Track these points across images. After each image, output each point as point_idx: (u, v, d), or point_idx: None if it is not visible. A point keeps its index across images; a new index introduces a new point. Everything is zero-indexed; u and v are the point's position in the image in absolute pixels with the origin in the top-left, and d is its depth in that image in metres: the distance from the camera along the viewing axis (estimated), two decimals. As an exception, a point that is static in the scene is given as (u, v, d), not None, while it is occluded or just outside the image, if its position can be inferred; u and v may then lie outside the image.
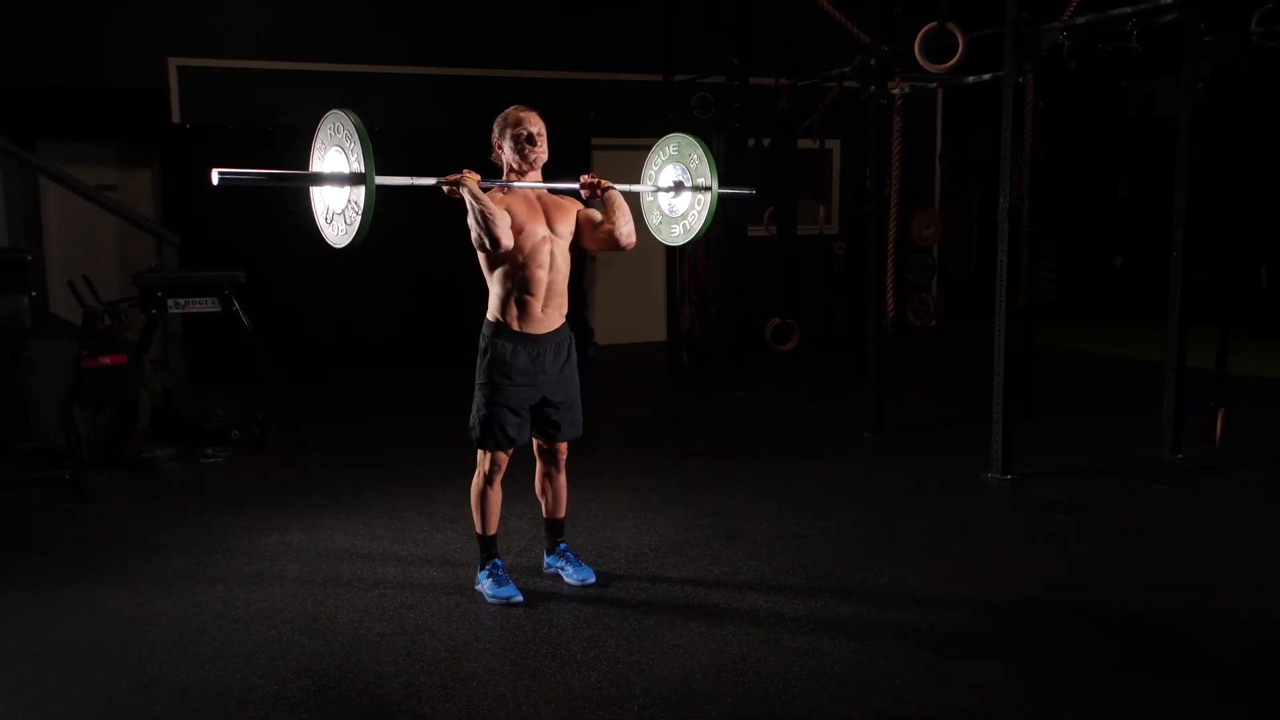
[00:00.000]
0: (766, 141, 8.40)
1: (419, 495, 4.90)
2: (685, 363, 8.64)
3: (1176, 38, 5.18)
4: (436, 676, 3.04)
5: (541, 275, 3.47)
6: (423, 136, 8.60)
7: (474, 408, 3.52)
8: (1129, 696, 2.91)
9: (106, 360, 5.41)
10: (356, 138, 2.96)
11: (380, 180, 3.01)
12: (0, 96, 7.48)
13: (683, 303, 8.89)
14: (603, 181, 3.56)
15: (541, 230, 3.46)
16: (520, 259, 3.43)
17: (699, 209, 3.69)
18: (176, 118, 8.14)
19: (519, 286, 3.45)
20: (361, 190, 2.97)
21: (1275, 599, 3.64)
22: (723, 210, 3.91)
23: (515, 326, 3.47)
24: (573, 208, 3.58)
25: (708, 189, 3.63)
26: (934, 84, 6.62)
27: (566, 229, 3.54)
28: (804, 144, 8.39)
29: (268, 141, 8.12)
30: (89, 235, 8.03)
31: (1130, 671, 3.06)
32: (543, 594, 3.66)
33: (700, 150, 3.65)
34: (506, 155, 3.48)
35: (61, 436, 5.40)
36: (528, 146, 3.44)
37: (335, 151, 3.06)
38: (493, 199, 3.35)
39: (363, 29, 8.78)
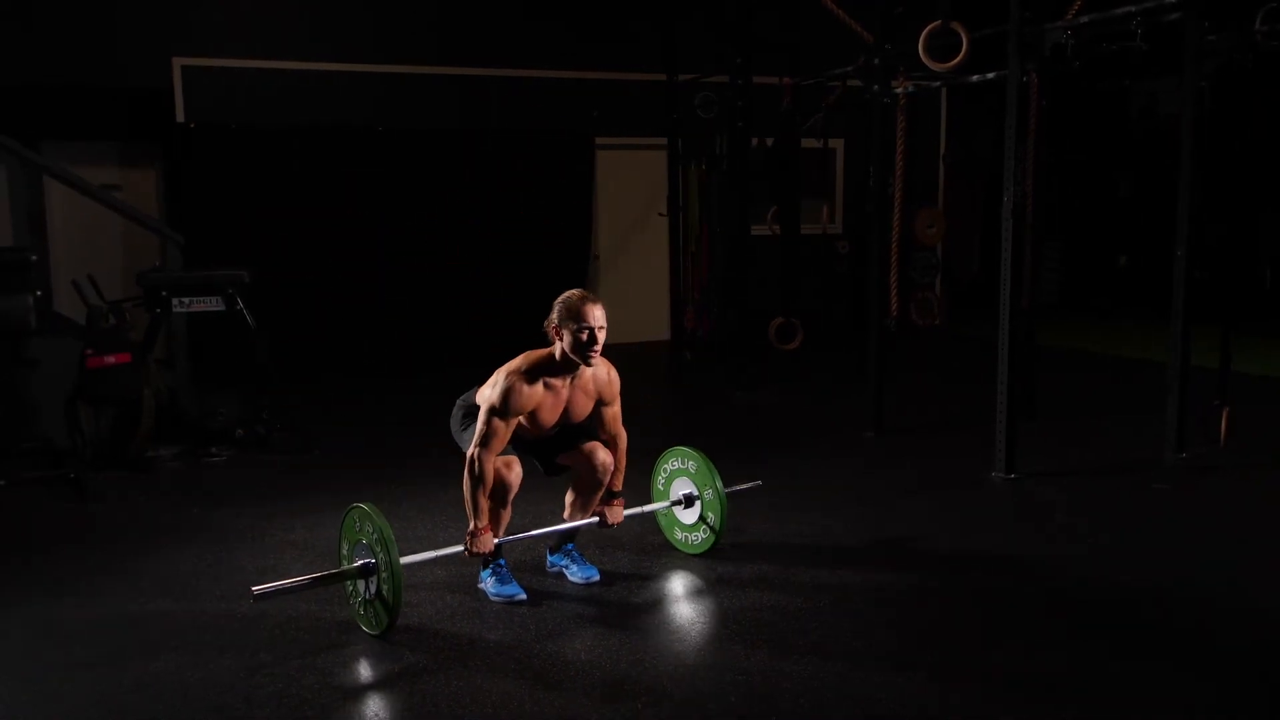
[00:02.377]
0: (770, 141, 8.40)
1: (421, 494, 4.91)
2: (688, 362, 8.64)
3: (1180, 37, 5.17)
4: (440, 675, 3.04)
5: (541, 433, 3.58)
6: (426, 136, 8.62)
7: (469, 427, 3.56)
8: (1133, 694, 2.90)
9: (111, 359, 5.42)
10: (380, 530, 3.26)
11: (407, 560, 3.33)
12: (5, 96, 7.50)
13: (686, 302, 8.89)
14: (617, 521, 3.77)
15: (557, 420, 3.54)
16: (529, 425, 3.51)
17: (703, 536, 4.03)
18: (181, 117, 8.16)
19: (519, 427, 3.51)
20: (389, 577, 3.22)
21: (1278, 597, 3.64)
22: (723, 210, 3.96)
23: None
24: (603, 391, 3.61)
25: (714, 531, 3.97)
26: (938, 83, 6.61)
27: (585, 413, 3.61)
28: (808, 143, 8.38)
29: (271, 141, 8.14)
30: (93, 235, 8.05)
31: (1134, 669, 3.05)
32: (546, 592, 3.67)
33: (715, 486, 3.94)
34: (564, 343, 3.39)
35: (66, 436, 5.41)
36: (589, 348, 3.38)
37: (362, 541, 3.35)
38: (537, 396, 3.43)
39: (366, 29, 8.79)
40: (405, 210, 8.50)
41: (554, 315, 3.40)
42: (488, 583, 3.63)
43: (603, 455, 3.68)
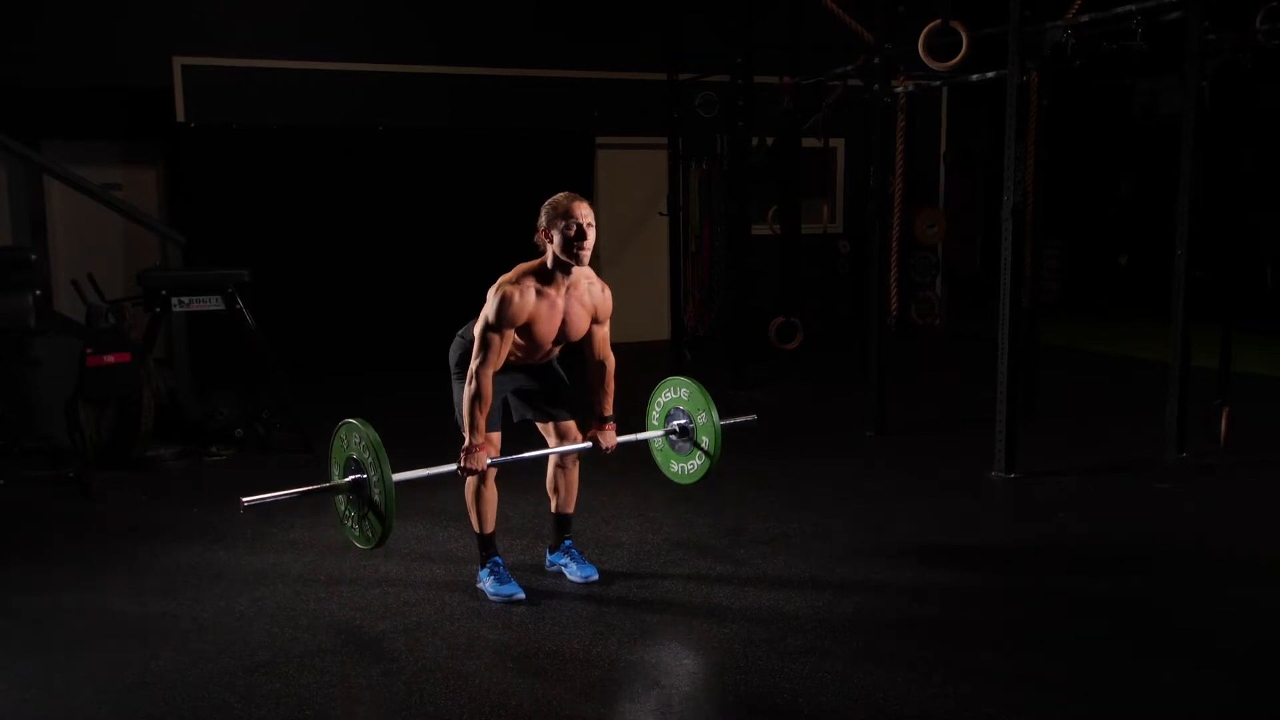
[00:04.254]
0: (771, 140, 8.40)
1: (421, 493, 4.89)
2: (689, 361, 8.63)
3: (1180, 35, 5.17)
4: (439, 674, 3.04)
5: (540, 352, 3.56)
6: (427, 136, 8.62)
7: (456, 400, 3.53)
8: (1133, 695, 2.90)
9: (111, 359, 5.42)
10: (371, 447, 3.23)
11: (398, 477, 3.25)
12: (6, 96, 7.50)
13: (686, 301, 8.89)
14: (611, 446, 3.68)
15: (554, 333, 3.50)
16: (526, 340, 3.47)
17: (699, 463, 3.92)
18: (181, 117, 8.15)
19: (518, 348, 3.49)
20: (379, 493, 3.22)
21: (1279, 597, 3.63)
22: (725, 209, 3.96)
23: (509, 359, 3.51)
24: (598, 305, 3.57)
25: (709, 455, 3.84)
26: (938, 82, 6.61)
27: (581, 328, 3.57)
28: (808, 143, 8.38)
29: (272, 141, 8.14)
30: (93, 234, 8.05)
31: (1134, 669, 3.05)
32: (545, 592, 3.67)
33: (709, 413, 3.81)
34: (554, 245, 3.37)
35: (66, 435, 5.41)
36: (576, 243, 3.34)
37: (354, 456, 3.34)
38: (529, 306, 3.40)
39: (368, 28, 8.79)
40: (405, 209, 8.50)
41: (542, 219, 3.39)
42: (486, 582, 3.63)
43: (575, 433, 3.71)
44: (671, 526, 4.40)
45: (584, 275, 3.52)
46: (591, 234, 3.36)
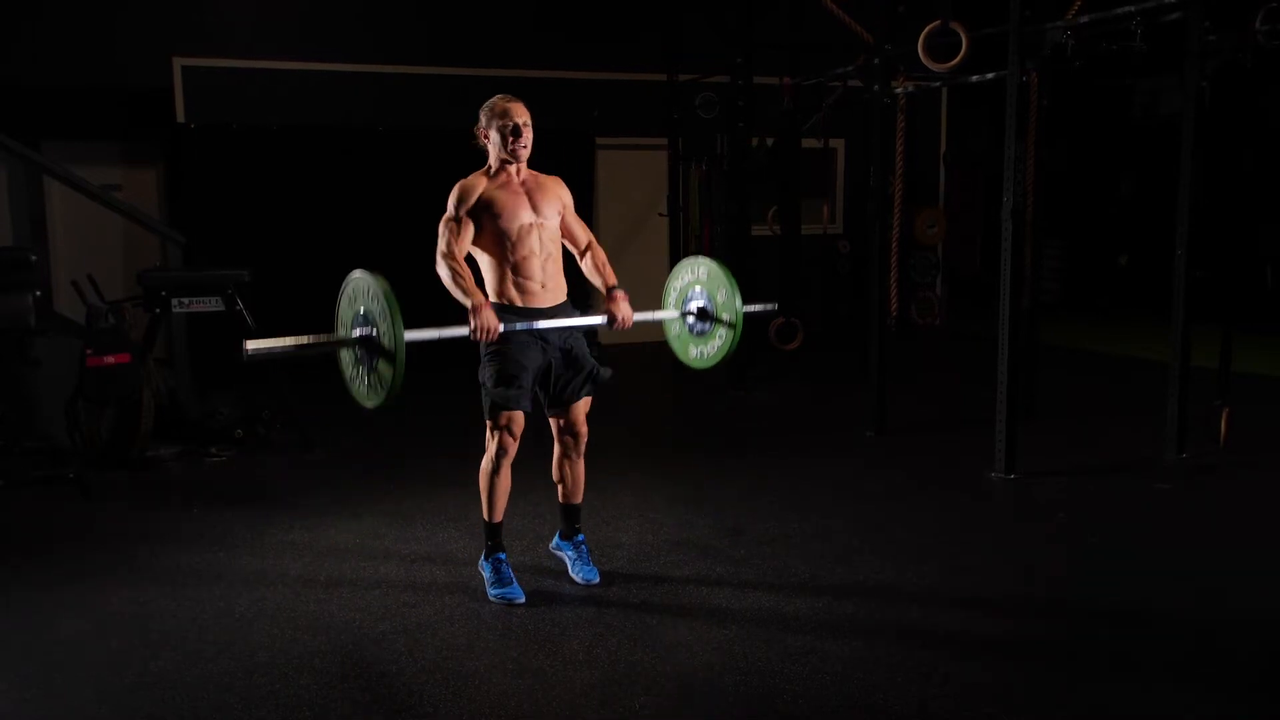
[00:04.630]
0: (770, 141, 8.39)
1: (421, 494, 4.91)
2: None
3: (1180, 36, 5.17)
4: (438, 675, 3.04)
5: (534, 261, 3.52)
6: (428, 136, 8.61)
7: (483, 380, 3.52)
8: (1132, 695, 2.90)
9: (111, 359, 5.42)
10: (385, 302, 3.13)
11: (409, 335, 3.14)
12: (6, 96, 7.50)
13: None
14: (626, 318, 3.68)
15: (527, 215, 3.51)
16: (509, 244, 3.49)
17: (719, 342, 3.80)
18: (181, 117, 8.15)
19: (514, 270, 3.52)
20: (391, 358, 3.14)
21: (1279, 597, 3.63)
22: (726, 209, 3.94)
23: (519, 303, 3.53)
24: (557, 191, 3.63)
25: (731, 325, 3.73)
26: (938, 83, 6.61)
27: (552, 211, 3.59)
28: (808, 143, 8.38)
29: (272, 141, 8.13)
30: (94, 234, 8.05)
31: (1134, 670, 3.05)
32: (545, 593, 3.67)
33: (728, 287, 3.73)
34: (491, 144, 3.54)
35: (66, 435, 5.41)
36: (512, 139, 3.49)
37: (361, 309, 3.27)
38: (480, 188, 3.49)
39: (367, 29, 8.79)
40: (405, 210, 8.48)
41: (481, 119, 3.55)
42: (487, 575, 3.62)
43: (584, 427, 3.70)
44: (672, 527, 4.40)
45: (532, 174, 3.60)
46: (528, 133, 3.51)
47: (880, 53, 6.04)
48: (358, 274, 3.28)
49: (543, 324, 3.52)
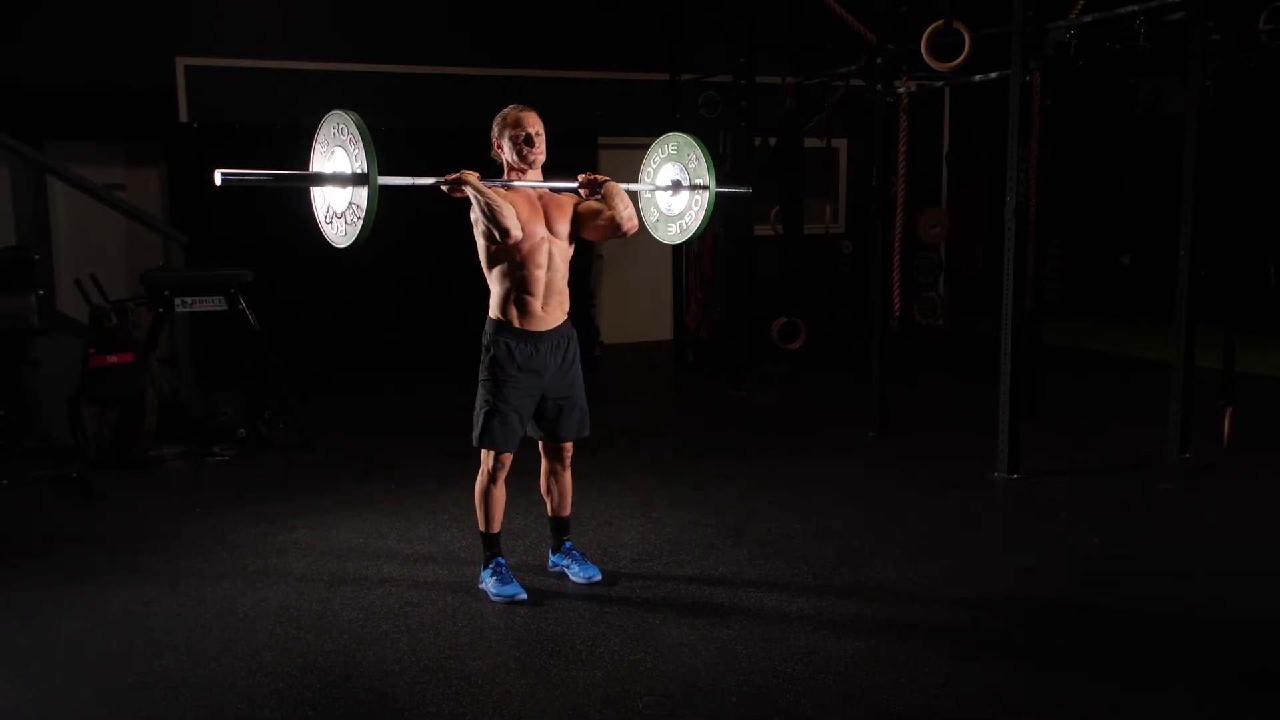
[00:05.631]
0: (773, 140, 8.39)
1: (423, 494, 4.91)
2: (691, 362, 8.63)
3: (1183, 36, 5.16)
4: (440, 674, 3.04)
5: (540, 274, 3.49)
6: (429, 136, 8.61)
7: (476, 404, 3.53)
8: (1134, 694, 2.90)
9: (113, 359, 5.43)
10: (359, 137, 2.97)
11: (382, 180, 3.01)
12: (8, 96, 7.50)
13: (688, 302, 8.89)
14: (599, 176, 3.58)
15: (540, 230, 3.48)
16: (519, 258, 3.45)
17: (696, 209, 3.71)
18: (184, 117, 8.16)
19: (518, 285, 3.48)
20: (364, 190, 2.98)
21: (1282, 599, 3.63)
22: (727, 209, 3.93)
23: (517, 324, 3.49)
24: (570, 204, 3.59)
25: (705, 188, 3.66)
26: (940, 82, 6.61)
27: (564, 228, 3.55)
28: (810, 143, 8.37)
29: (275, 141, 8.14)
30: (96, 234, 8.05)
31: (1136, 669, 3.05)
32: (547, 592, 3.67)
33: (699, 150, 3.69)
34: (505, 154, 3.52)
35: (69, 435, 5.41)
36: (526, 148, 3.47)
37: (338, 151, 3.08)
38: (498, 189, 3.41)
39: (370, 28, 8.79)
40: (407, 210, 8.49)
41: (494, 131, 3.54)
42: (488, 583, 3.63)
43: (564, 478, 3.76)
44: (673, 527, 4.40)
45: (549, 193, 3.57)
46: (541, 141, 3.49)
47: (883, 52, 6.03)
48: (335, 112, 3.11)
49: (519, 183, 3.49)
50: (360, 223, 3.04)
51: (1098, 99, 11.70)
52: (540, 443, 3.74)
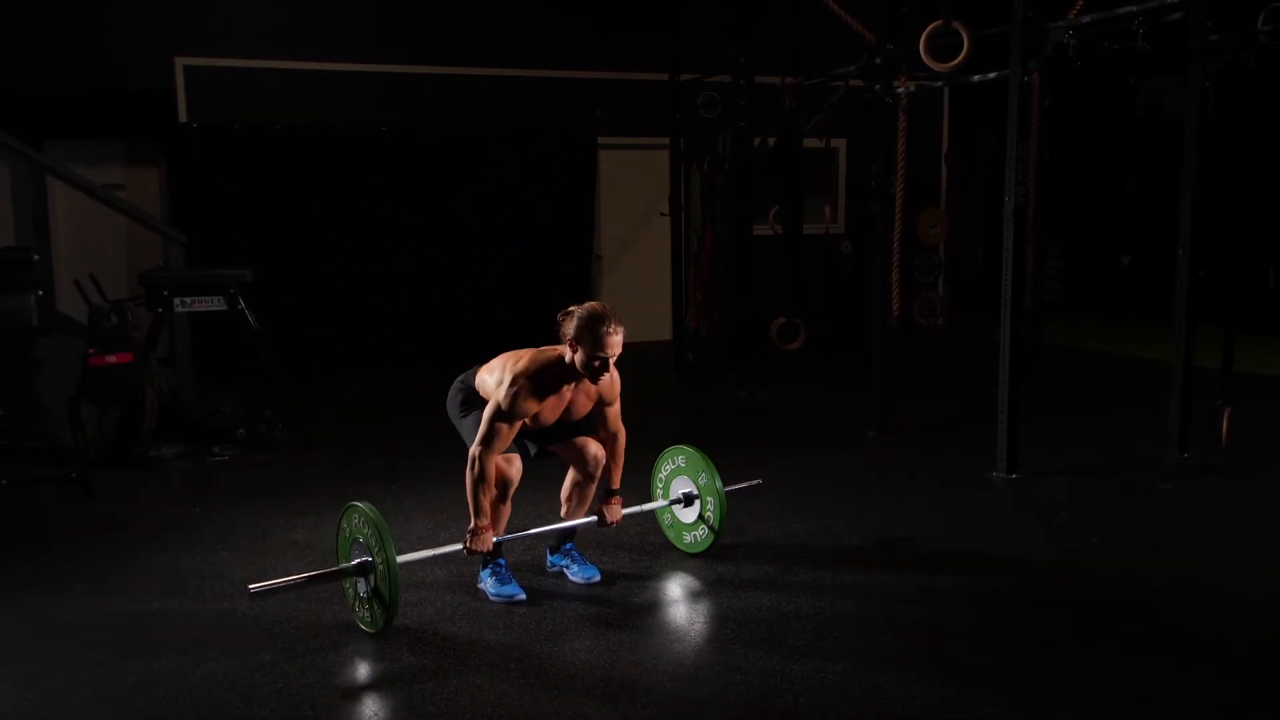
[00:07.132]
0: (772, 140, 8.39)
1: (423, 494, 4.91)
2: (691, 362, 8.63)
3: (1182, 36, 5.16)
4: (440, 675, 3.04)
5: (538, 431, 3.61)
6: (430, 136, 8.62)
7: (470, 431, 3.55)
8: (1135, 691, 2.90)
9: (113, 359, 5.43)
10: (376, 527, 3.25)
11: (403, 559, 3.29)
12: (8, 96, 7.51)
13: (688, 302, 8.89)
14: (616, 519, 3.77)
15: (554, 421, 3.56)
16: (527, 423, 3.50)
17: (702, 534, 4.02)
18: (183, 117, 8.16)
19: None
20: (386, 569, 3.20)
21: (1281, 599, 3.63)
22: (728, 209, 3.94)
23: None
24: (597, 393, 3.56)
25: (714, 531, 3.96)
26: (940, 83, 6.61)
27: (586, 409, 3.62)
28: (810, 143, 8.38)
29: (275, 141, 8.14)
30: (96, 234, 8.07)
31: (1137, 669, 3.05)
32: (546, 592, 3.67)
33: (706, 471, 3.98)
34: (577, 356, 3.36)
35: (69, 435, 5.42)
36: (600, 371, 3.37)
37: (359, 542, 3.34)
38: (544, 394, 3.43)
39: (369, 28, 8.80)
40: (407, 210, 8.51)
41: (574, 324, 3.33)
42: (487, 583, 3.63)
43: (594, 449, 3.70)
44: (673, 527, 4.40)
45: (588, 383, 3.52)
46: (612, 364, 3.40)
47: (882, 52, 6.04)
48: (355, 505, 3.36)
49: (535, 531, 3.76)
50: (385, 612, 3.25)
51: (1097, 99, 11.70)
52: (563, 457, 3.78)
